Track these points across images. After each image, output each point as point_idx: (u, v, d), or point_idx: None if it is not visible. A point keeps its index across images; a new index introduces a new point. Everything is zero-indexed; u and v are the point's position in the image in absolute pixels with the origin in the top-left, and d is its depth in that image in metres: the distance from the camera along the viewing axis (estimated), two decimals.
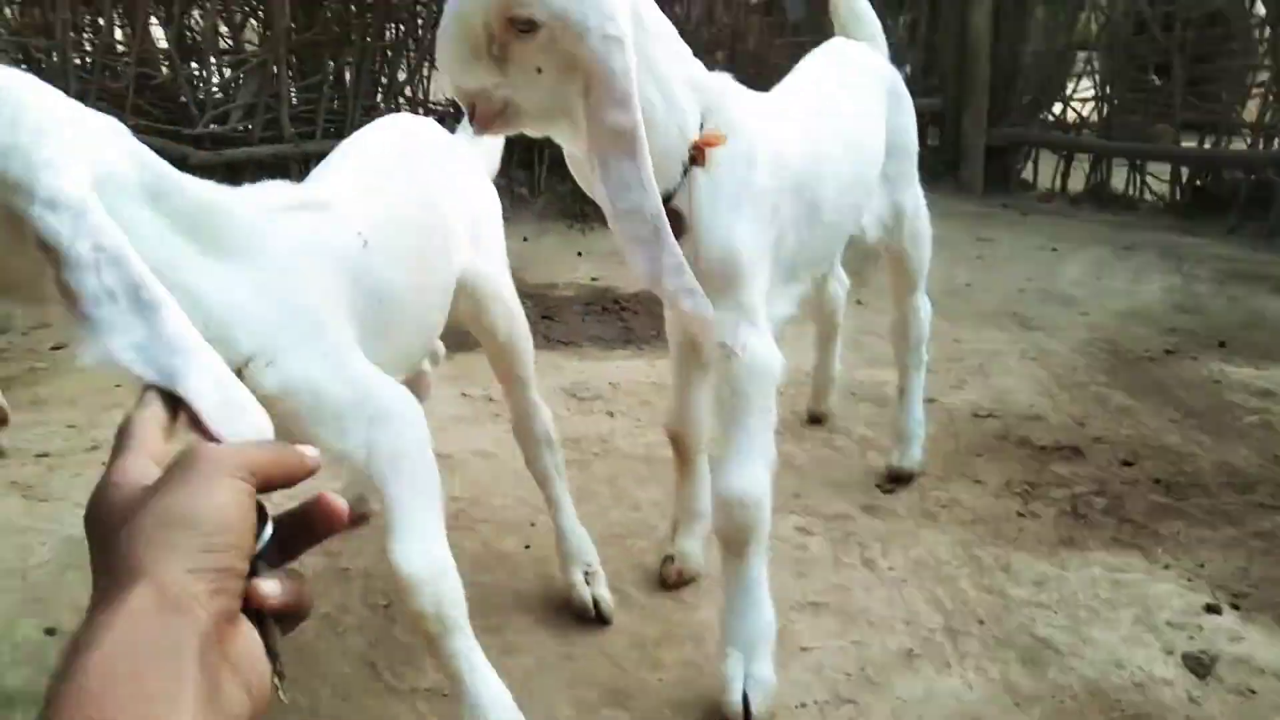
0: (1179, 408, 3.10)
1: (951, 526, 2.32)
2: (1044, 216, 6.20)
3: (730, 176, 1.57)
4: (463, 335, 1.96)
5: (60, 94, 1.03)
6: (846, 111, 2.02)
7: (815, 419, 2.90)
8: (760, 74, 6.91)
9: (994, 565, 2.16)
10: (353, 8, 5.14)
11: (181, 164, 4.70)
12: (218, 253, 1.20)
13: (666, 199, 1.50)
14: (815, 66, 2.19)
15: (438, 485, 1.40)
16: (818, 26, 6.12)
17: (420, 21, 5.37)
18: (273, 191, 1.43)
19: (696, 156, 1.54)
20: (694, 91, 1.56)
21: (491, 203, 1.92)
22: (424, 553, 1.35)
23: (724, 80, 1.65)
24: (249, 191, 1.40)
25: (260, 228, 1.30)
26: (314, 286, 1.33)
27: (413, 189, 1.63)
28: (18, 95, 0.97)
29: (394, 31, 5.33)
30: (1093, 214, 6.22)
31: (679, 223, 1.52)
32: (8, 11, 4.64)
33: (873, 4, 2.50)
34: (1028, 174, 6.91)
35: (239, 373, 1.25)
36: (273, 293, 1.27)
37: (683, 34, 1.60)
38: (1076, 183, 6.62)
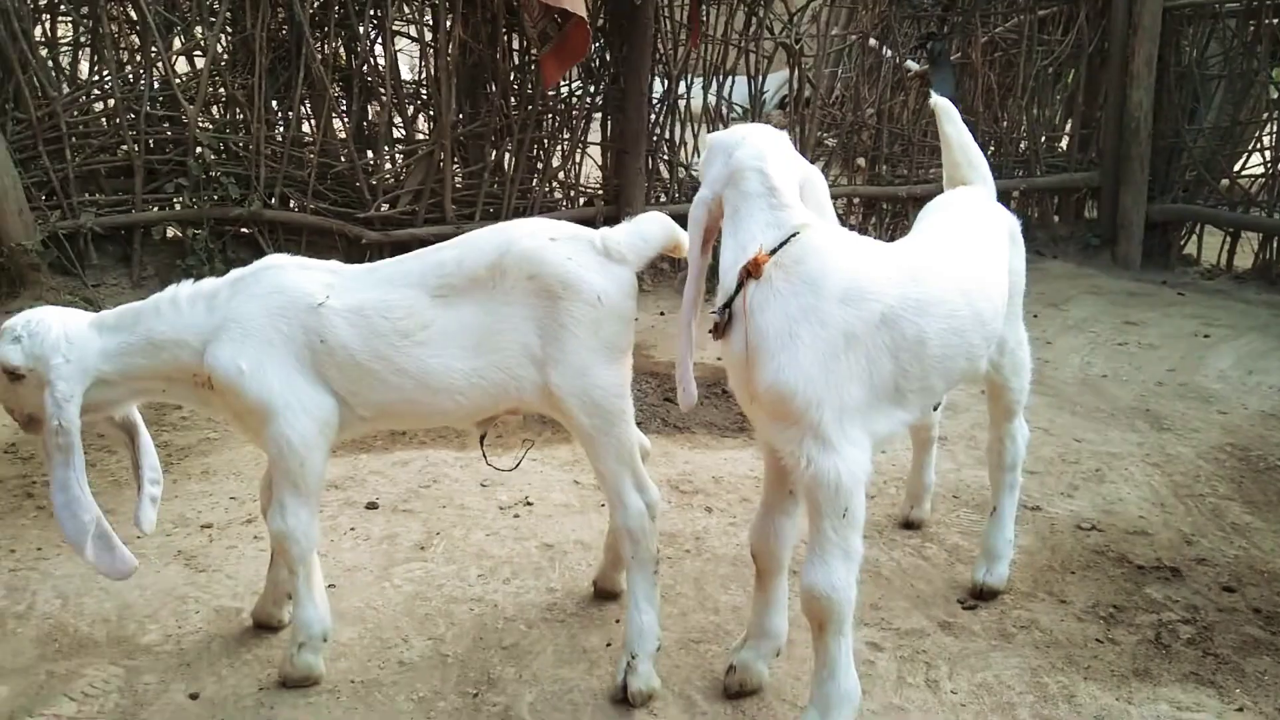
0: None
1: (1025, 649, 2.35)
2: (1204, 295, 5.95)
3: (788, 295, 1.85)
4: None
5: None
6: (971, 259, 2.20)
7: (909, 525, 2.96)
8: (905, 152, 6.91)
9: (1058, 695, 2.18)
10: (513, 101, 5.53)
11: (357, 243, 5.22)
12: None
13: (729, 301, 1.89)
14: (942, 216, 2.38)
15: (310, 476, 2.12)
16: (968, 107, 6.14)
17: (575, 113, 5.72)
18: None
19: (751, 270, 1.85)
20: (773, 229, 1.89)
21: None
22: (280, 518, 2.13)
23: (810, 221, 1.92)
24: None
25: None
26: (253, 327, 2.11)
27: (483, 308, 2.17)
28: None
29: (550, 122, 5.70)
30: (1257, 294, 5.93)
31: (729, 321, 1.90)
32: (215, 110, 5.26)
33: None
34: (1191, 248, 6.64)
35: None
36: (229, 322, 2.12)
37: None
38: (1244, 259, 6.33)
